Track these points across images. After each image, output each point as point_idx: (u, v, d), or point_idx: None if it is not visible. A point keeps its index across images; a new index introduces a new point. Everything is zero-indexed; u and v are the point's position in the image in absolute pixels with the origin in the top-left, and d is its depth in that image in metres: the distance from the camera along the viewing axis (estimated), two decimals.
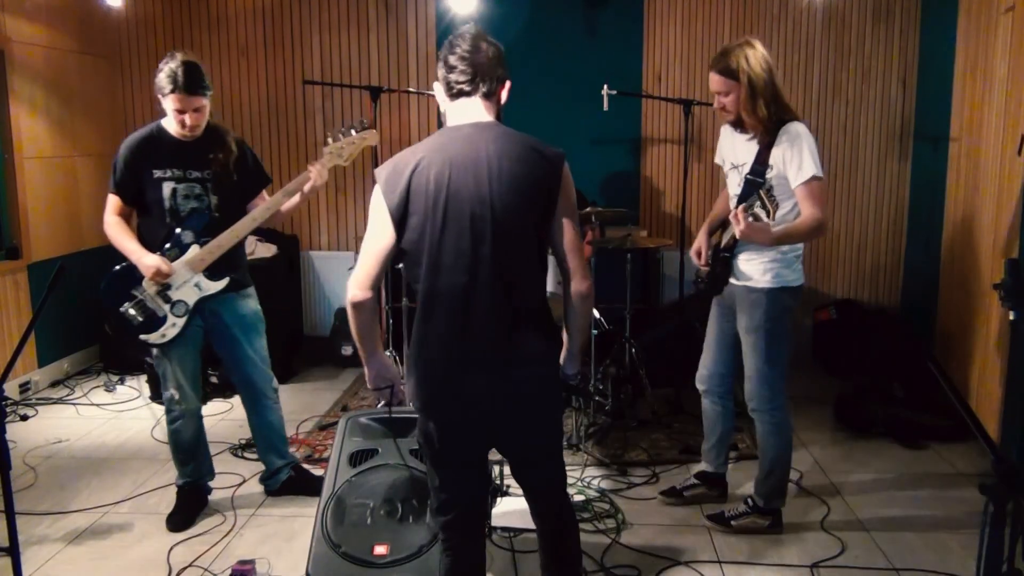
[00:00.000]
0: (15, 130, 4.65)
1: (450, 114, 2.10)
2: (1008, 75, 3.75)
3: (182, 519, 3.23)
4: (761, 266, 2.93)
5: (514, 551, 2.99)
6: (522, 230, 2.02)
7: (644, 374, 4.40)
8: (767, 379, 2.99)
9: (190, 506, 3.30)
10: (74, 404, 4.69)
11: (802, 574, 2.87)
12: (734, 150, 3.02)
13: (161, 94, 2.94)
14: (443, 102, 2.10)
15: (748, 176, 2.93)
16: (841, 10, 5.28)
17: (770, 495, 3.13)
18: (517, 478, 2.26)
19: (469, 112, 2.07)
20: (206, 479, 3.39)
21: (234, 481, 3.58)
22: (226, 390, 4.68)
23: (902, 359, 4.53)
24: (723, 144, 3.12)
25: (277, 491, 3.46)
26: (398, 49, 5.50)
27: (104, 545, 3.10)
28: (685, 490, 3.40)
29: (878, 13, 5.26)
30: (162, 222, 3.04)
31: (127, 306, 3.03)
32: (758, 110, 2.81)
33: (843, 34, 5.29)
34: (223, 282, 3.10)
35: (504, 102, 2.14)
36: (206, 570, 2.90)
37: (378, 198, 2.05)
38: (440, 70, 2.08)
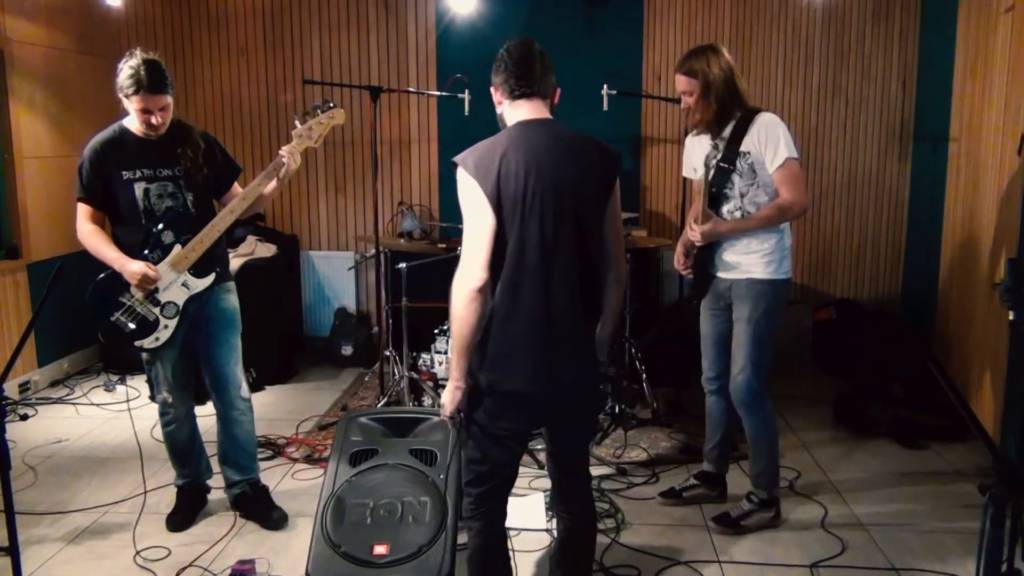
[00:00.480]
0: (15, 130, 4.65)
1: (512, 113, 2.22)
2: (1008, 75, 3.75)
3: (182, 519, 3.23)
4: (765, 258, 3.01)
5: (514, 551, 2.99)
6: (592, 218, 2.19)
7: (644, 374, 4.40)
8: (758, 370, 3.06)
9: (190, 506, 3.30)
10: (74, 404, 4.69)
11: (802, 574, 2.87)
12: (703, 153, 3.12)
13: (124, 95, 2.86)
14: (503, 103, 2.24)
15: (719, 163, 3.03)
16: (841, 10, 5.28)
17: (770, 484, 3.18)
18: (555, 462, 2.38)
19: (533, 111, 2.21)
20: (204, 477, 3.37)
21: None
22: None
23: (902, 359, 4.53)
24: (690, 154, 3.25)
25: (232, 504, 3.31)
26: (398, 49, 5.50)
27: (104, 545, 3.10)
28: (684, 491, 3.40)
29: (878, 13, 5.26)
30: (138, 224, 2.99)
31: (117, 314, 2.97)
32: (710, 108, 2.98)
33: (843, 34, 5.29)
34: (210, 278, 3.04)
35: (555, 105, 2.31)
36: (206, 570, 2.90)
37: (471, 184, 2.10)
38: (501, 73, 2.21)
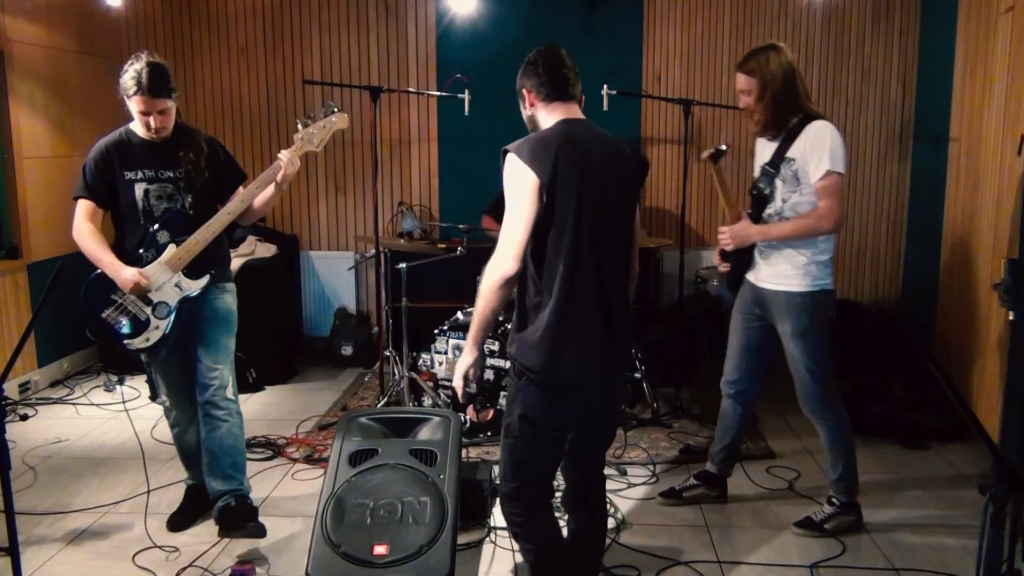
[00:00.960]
0: (15, 130, 4.65)
1: (547, 115, 2.26)
2: (1008, 75, 3.75)
3: (183, 519, 3.23)
4: (799, 269, 2.95)
5: (514, 551, 3.00)
6: (629, 214, 2.30)
7: (644, 374, 4.40)
8: (819, 380, 3.02)
9: (194, 506, 3.29)
10: (74, 404, 4.69)
11: (802, 574, 2.87)
12: (763, 155, 3.08)
13: (126, 95, 2.88)
14: (536, 105, 2.28)
15: (765, 166, 3.00)
16: (841, 10, 5.28)
17: (849, 489, 3.14)
18: (577, 461, 2.41)
19: (571, 112, 2.26)
20: None
21: None
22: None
23: (902, 359, 4.53)
24: (759, 156, 3.15)
25: (215, 519, 3.09)
26: (398, 49, 5.50)
27: (104, 545, 3.10)
28: (684, 491, 3.40)
29: (878, 13, 5.26)
30: (136, 224, 2.99)
31: (108, 312, 2.97)
32: (769, 110, 2.93)
33: (843, 34, 5.29)
34: (204, 280, 3.02)
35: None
36: (206, 570, 2.90)
37: (524, 170, 2.10)
38: (534, 76, 2.26)
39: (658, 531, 3.16)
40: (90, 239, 2.98)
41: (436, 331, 4.15)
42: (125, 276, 2.91)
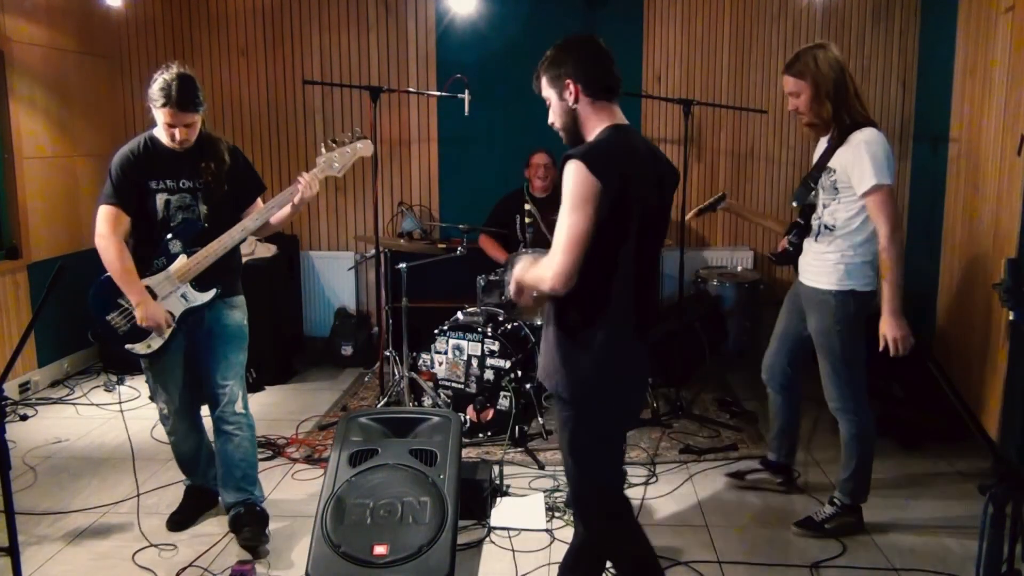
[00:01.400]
0: (15, 130, 4.65)
1: (595, 115, 2.14)
2: (1008, 75, 3.75)
3: (183, 519, 3.23)
4: (828, 268, 2.96)
5: (514, 551, 3.00)
6: (665, 229, 2.29)
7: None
8: (845, 380, 3.02)
9: (194, 506, 3.30)
10: (74, 404, 4.69)
11: (802, 574, 2.87)
12: (815, 156, 3.06)
13: (153, 105, 2.87)
14: (581, 100, 2.13)
15: (805, 177, 3.00)
16: (841, 10, 5.28)
17: (855, 492, 3.12)
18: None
19: (615, 115, 2.16)
20: (213, 484, 3.33)
21: None
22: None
23: (902, 359, 4.52)
24: (814, 156, 3.13)
25: (231, 527, 3.13)
26: (398, 49, 5.50)
27: (104, 545, 3.10)
28: (748, 474, 3.47)
29: (878, 13, 5.26)
30: (153, 232, 2.99)
31: (113, 315, 2.96)
32: (823, 111, 2.87)
33: (843, 34, 5.29)
34: (210, 294, 3.02)
35: None
36: (206, 570, 2.90)
37: (591, 182, 1.97)
38: (579, 65, 2.11)
39: (658, 531, 3.16)
40: (117, 258, 2.91)
41: (436, 331, 4.15)
42: (151, 311, 2.90)
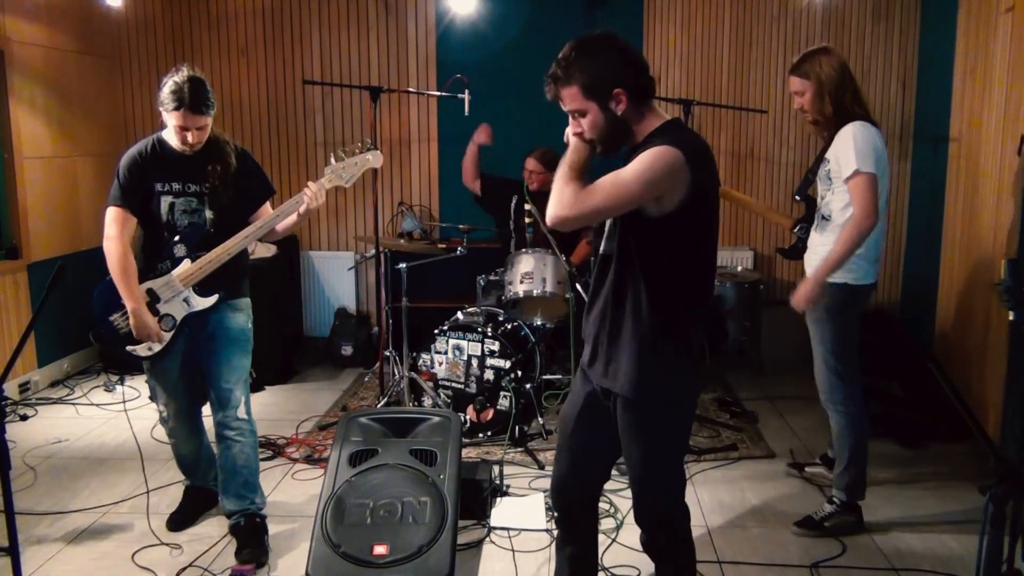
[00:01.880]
0: (15, 130, 4.65)
1: (642, 118, 2.05)
2: (1008, 75, 3.75)
3: (183, 519, 3.23)
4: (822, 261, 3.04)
5: (514, 551, 3.00)
6: None
7: None
8: (834, 371, 3.08)
9: (194, 506, 3.30)
10: (74, 404, 4.69)
11: (802, 574, 2.87)
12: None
13: (164, 108, 2.85)
14: (627, 108, 2.01)
15: (807, 172, 3.17)
16: (841, 10, 5.28)
17: (851, 488, 3.14)
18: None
19: (658, 111, 2.09)
20: (213, 485, 3.33)
21: None
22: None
23: (902, 359, 4.53)
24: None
25: (232, 534, 3.12)
26: (398, 49, 5.50)
27: (104, 545, 3.10)
28: (806, 466, 3.57)
29: (878, 13, 5.26)
30: (158, 235, 2.98)
31: (116, 316, 2.96)
32: (825, 108, 3.01)
33: (843, 34, 5.29)
34: (212, 299, 3.01)
35: None
36: (206, 570, 2.90)
37: (685, 170, 1.92)
38: (624, 69, 2.00)
39: None
40: (120, 263, 2.91)
41: (436, 331, 4.15)
42: (145, 320, 2.90)
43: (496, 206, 4.78)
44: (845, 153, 2.91)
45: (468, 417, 4.02)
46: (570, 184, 2.00)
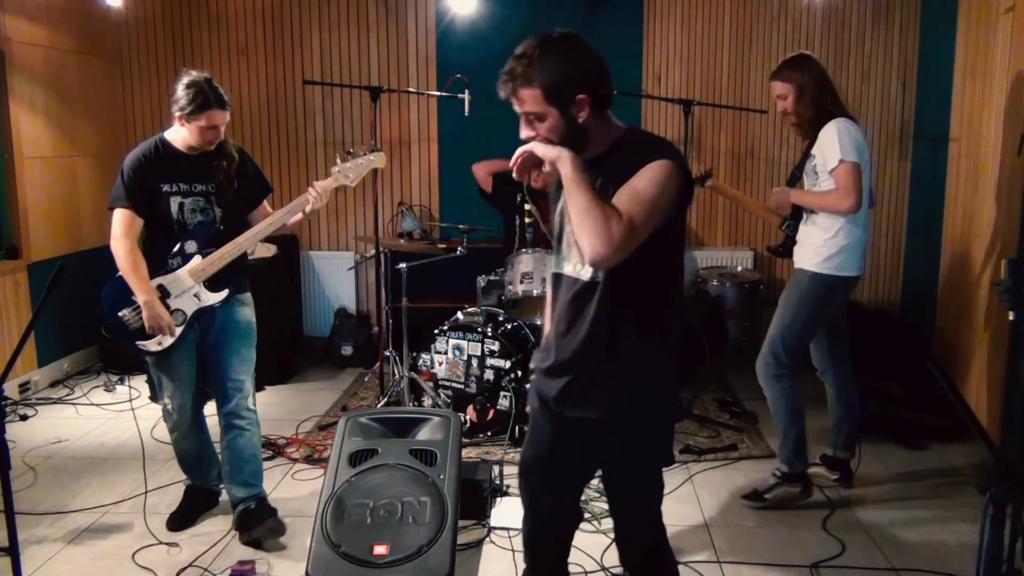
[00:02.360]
0: (15, 130, 4.65)
1: (601, 124, 1.90)
2: (1008, 75, 3.75)
3: (183, 519, 3.23)
4: (812, 251, 3.19)
5: (514, 551, 3.00)
6: None
7: None
8: (775, 351, 3.25)
9: (194, 506, 3.30)
10: (74, 404, 4.69)
11: (802, 574, 2.87)
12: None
13: (187, 111, 2.89)
14: (589, 116, 1.87)
15: (794, 169, 3.31)
16: (841, 10, 5.28)
17: (790, 459, 3.30)
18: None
19: (612, 118, 1.94)
20: (214, 484, 3.35)
21: None
22: None
23: (902, 359, 4.53)
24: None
25: (236, 526, 3.14)
26: (398, 49, 5.50)
27: (104, 545, 3.10)
28: (809, 467, 3.55)
29: (878, 13, 5.26)
30: (168, 234, 3.02)
31: (126, 311, 2.99)
32: (807, 112, 3.16)
33: (843, 34, 5.29)
34: (222, 294, 3.07)
35: None
36: (206, 570, 2.90)
37: (680, 177, 1.82)
38: (591, 75, 1.89)
39: None
40: (129, 259, 2.94)
41: (436, 331, 4.15)
42: (157, 311, 2.93)
43: (504, 202, 4.83)
44: (830, 146, 3.06)
45: (468, 417, 4.02)
46: (610, 214, 1.73)
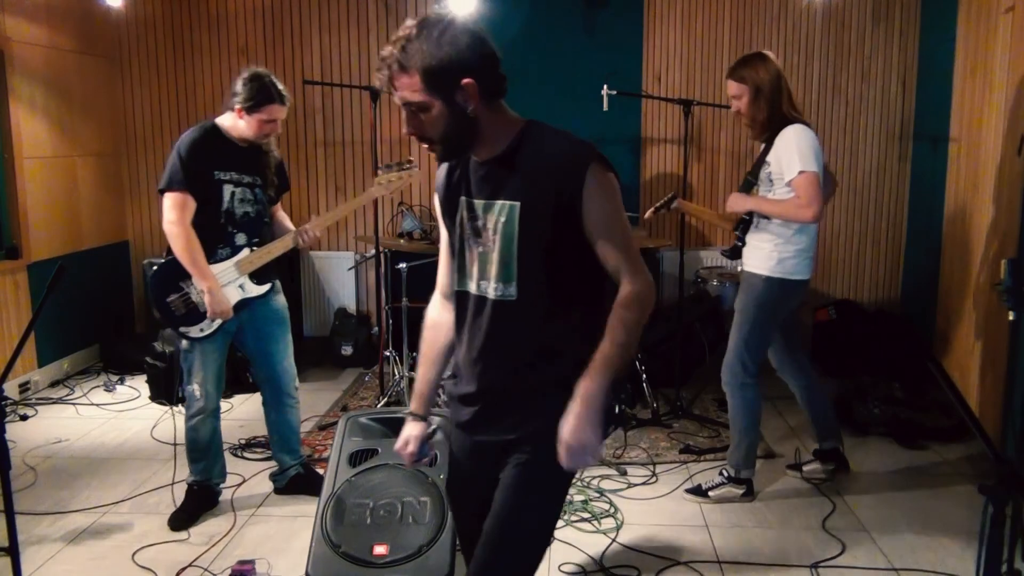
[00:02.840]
0: (15, 130, 4.65)
1: (494, 117, 1.71)
2: (1008, 75, 3.75)
3: (184, 518, 3.23)
4: (763, 255, 3.19)
5: None
6: None
7: (644, 374, 4.40)
8: (741, 360, 3.25)
9: (196, 505, 3.30)
10: (74, 404, 4.69)
11: (802, 574, 2.87)
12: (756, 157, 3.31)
13: (248, 105, 3.01)
14: (478, 104, 1.67)
15: (747, 175, 3.27)
16: (841, 10, 5.28)
17: (740, 464, 3.36)
18: None
19: (510, 112, 1.77)
20: (216, 480, 3.36)
21: (234, 481, 3.58)
22: (231, 390, 4.71)
23: (902, 359, 4.53)
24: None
25: (284, 488, 3.47)
26: None
27: (104, 545, 3.11)
28: (806, 464, 3.60)
29: (878, 13, 5.26)
30: (217, 223, 3.10)
31: (173, 297, 3.09)
32: (760, 113, 3.14)
33: (843, 34, 5.29)
34: (266, 287, 3.22)
35: None
36: (206, 570, 2.90)
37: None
38: (478, 61, 1.65)
39: (658, 531, 3.16)
40: (190, 244, 3.02)
41: None
42: (220, 298, 3.05)
43: None
44: (788, 156, 3.03)
45: None
46: (628, 301, 1.76)
